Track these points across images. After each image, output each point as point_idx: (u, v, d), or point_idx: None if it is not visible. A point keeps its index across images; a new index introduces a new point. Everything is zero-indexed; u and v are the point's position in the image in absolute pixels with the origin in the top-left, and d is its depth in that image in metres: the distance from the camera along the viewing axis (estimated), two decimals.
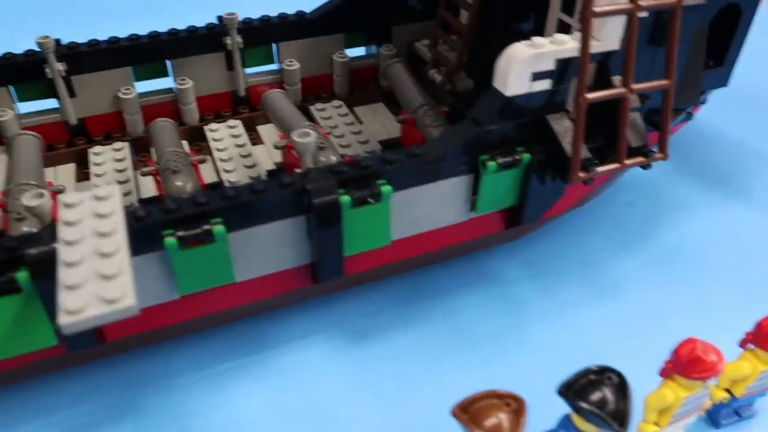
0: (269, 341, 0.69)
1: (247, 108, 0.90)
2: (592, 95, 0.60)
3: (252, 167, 0.78)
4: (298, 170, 0.63)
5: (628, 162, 0.65)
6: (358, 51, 0.97)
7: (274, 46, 0.89)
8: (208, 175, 0.79)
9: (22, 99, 0.81)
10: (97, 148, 0.81)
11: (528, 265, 0.79)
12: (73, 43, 0.79)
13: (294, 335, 0.70)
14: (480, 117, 0.63)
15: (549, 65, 0.62)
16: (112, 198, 0.54)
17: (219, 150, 0.81)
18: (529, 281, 0.77)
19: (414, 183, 0.63)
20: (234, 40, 0.83)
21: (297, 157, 0.71)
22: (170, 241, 0.54)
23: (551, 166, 0.66)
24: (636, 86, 0.62)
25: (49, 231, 0.51)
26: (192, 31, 0.83)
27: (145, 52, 0.82)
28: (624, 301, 0.75)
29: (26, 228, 0.61)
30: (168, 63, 0.84)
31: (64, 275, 0.46)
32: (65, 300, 0.44)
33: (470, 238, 0.73)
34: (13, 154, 0.71)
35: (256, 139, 0.88)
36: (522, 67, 0.60)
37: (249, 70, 0.89)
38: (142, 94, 0.85)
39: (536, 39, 0.61)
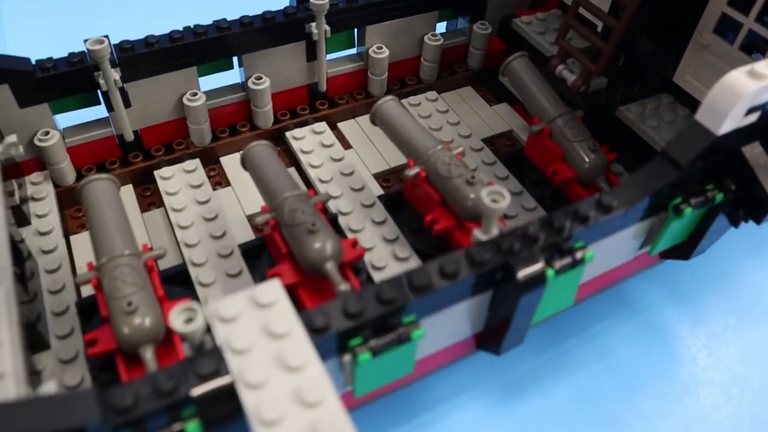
0: (422, 403, 0.61)
1: (326, 103, 0.76)
2: None
3: (361, 190, 0.66)
4: (478, 235, 0.52)
5: None
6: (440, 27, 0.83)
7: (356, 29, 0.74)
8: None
9: (59, 111, 0.65)
10: (165, 171, 0.67)
11: (665, 287, 0.72)
12: (126, 42, 0.63)
13: (445, 395, 0.61)
14: (681, 158, 0.53)
15: (766, 96, 0.52)
16: (279, 303, 0.42)
17: (312, 166, 0.68)
18: (671, 305, 0.70)
19: (604, 235, 0.54)
20: (321, 28, 0.68)
21: (430, 191, 0.60)
22: (364, 357, 0.43)
23: (743, 206, 0.58)
24: None
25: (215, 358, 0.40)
26: (268, 18, 0.67)
27: (213, 48, 0.66)
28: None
29: (138, 320, 0.48)
30: (234, 58, 0.69)
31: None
32: None
33: (632, 271, 0.65)
34: (89, 210, 0.56)
35: (340, 138, 0.75)
36: (744, 103, 0.50)
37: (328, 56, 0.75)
38: (207, 93, 0.70)
39: (756, 66, 0.51)
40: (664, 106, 0.71)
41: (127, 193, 0.68)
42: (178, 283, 0.59)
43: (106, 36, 0.62)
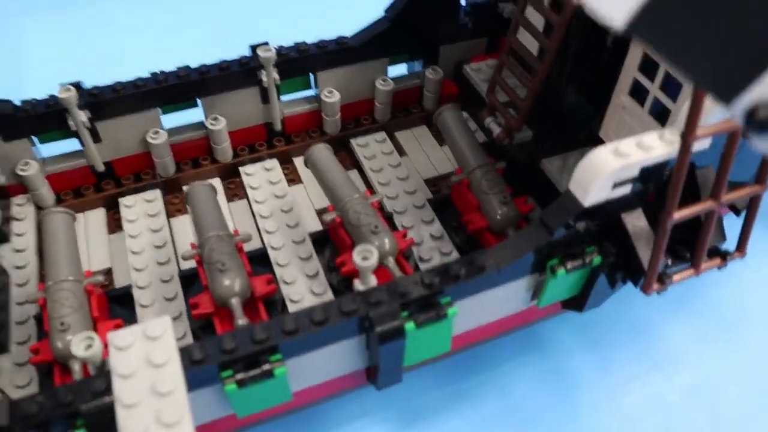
0: (323, 425, 0.68)
1: (283, 140, 0.84)
2: (679, 214, 0.55)
3: (295, 227, 0.73)
4: (357, 284, 0.59)
5: (704, 266, 0.61)
6: (400, 68, 0.89)
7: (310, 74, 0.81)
8: (243, 220, 0.75)
9: (43, 141, 0.75)
10: (129, 199, 0.77)
11: (580, 332, 0.76)
12: (96, 88, 0.72)
13: (346, 417, 0.68)
14: (552, 224, 0.58)
15: (633, 173, 0.56)
16: (165, 336, 0.51)
17: (257, 202, 0.76)
18: (582, 352, 0.75)
19: (477, 290, 0.59)
20: (270, 77, 0.76)
21: (348, 238, 0.67)
22: (230, 387, 0.51)
23: (623, 270, 0.62)
24: (726, 197, 0.56)
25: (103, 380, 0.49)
26: (224, 68, 0.75)
27: (174, 93, 0.75)
28: (678, 375, 0.73)
29: (69, 337, 0.58)
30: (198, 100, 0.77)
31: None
32: None
33: (528, 321, 0.70)
34: (45, 239, 0.66)
35: (293, 174, 0.82)
36: (605, 179, 0.55)
37: (284, 97, 0.82)
38: (171, 130, 0.79)
39: (621, 146, 0.55)
40: None
41: (99, 215, 0.78)
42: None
43: (77, 83, 0.71)
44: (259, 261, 0.71)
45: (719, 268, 0.63)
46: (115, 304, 0.68)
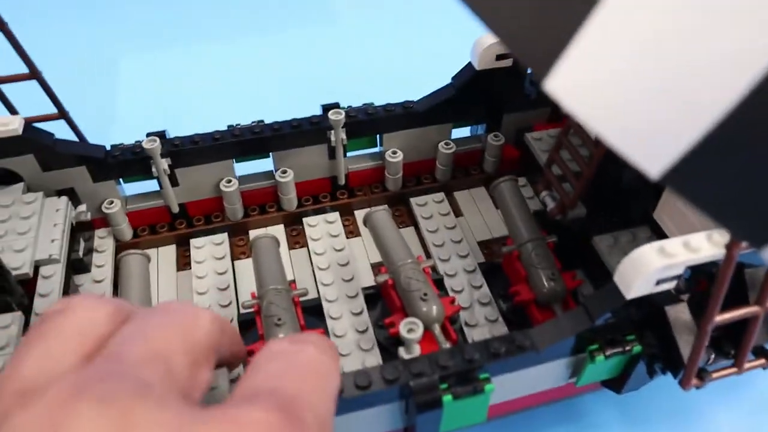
0: None
1: (346, 192, 0.88)
2: (721, 318, 0.56)
3: (350, 281, 0.77)
4: (401, 352, 0.62)
5: (748, 366, 0.61)
6: (463, 132, 0.92)
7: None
8: (302, 269, 0.80)
9: (127, 182, 0.82)
10: (198, 241, 0.82)
11: (619, 408, 0.77)
12: (177, 139, 0.78)
13: None
14: (594, 312, 0.60)
15: (678, 271, 0.57)
16: None
17: (316, 253, 0.81)
18: (619, 427, 0.75)
19: (516, 368, 0.61)
20: (339, 137, 0.80)
21: (398, 300, 0.70)
22: None
23: (662, 361, 0.63)
24: None
25: None
26: (296, 126, 0.80)
27: (248, 147, 0.80)
28: None
29: None
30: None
31: None
32: None
33: (566, 395, 0.71)
34: (122, 275, 0.73)
35: (352, 226, 0.87)
36: (648, 277, 0.56)
37: (350, 153, 0.87)
38: (242, 178, 0.84)
39: (667, 245, 0.56)
40: (638, 241, 0.75)
41: (170, 251, 0.84)
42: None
43: (162, 133, 0.78)
44: (314, 311, 0.75)
45: (764, 368, 0.63)
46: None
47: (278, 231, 0.85)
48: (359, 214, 0.88)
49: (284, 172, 0.82)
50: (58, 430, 0.24)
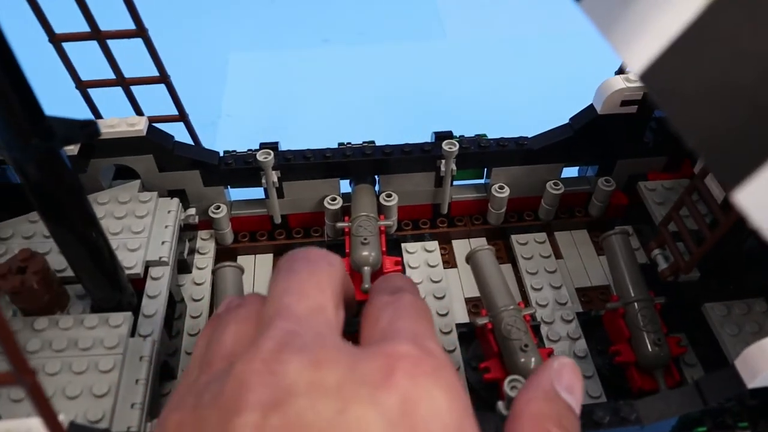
0: None
1: (446, 221, 0.87)
2: None
3: (444, 316, 0.76)
4: (500, 407, 0.61)
5: None
6: (571, 171, 0.90)
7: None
8: None
9: (234, 187, 0.84)
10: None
11: None
12: (289, 153, 0.79)
13: None
14: (709, 396, 0.57)
15: None
16: None
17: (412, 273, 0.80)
18: None
19: None
20: (449, 168, 0.79)
21: (496, 345, 0.69)
22: None
23: None
24: None
25: None
26: (407, 151, 0.79)
27: (357, 168, 0.80)
28: None
29: None
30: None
31: None
32: None
33: None
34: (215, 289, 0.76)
35: (449, 256, 0.86)
36: None
37: (456, 182, 0.86)
38: (345, 195, 0.84)
39: None
40: (753, 314, 0.72)
41: (268, 260, 0.85)
42: None
43: (275, 145, 0.79)
44: None
45: None
46: None
47: None
48: (456, 244, 0.87)
49: (389, 195, 0.82)
50: (274, 373, 0.31)
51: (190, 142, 0.83)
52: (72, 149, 0.72)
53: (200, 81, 1.30)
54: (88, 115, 0.79)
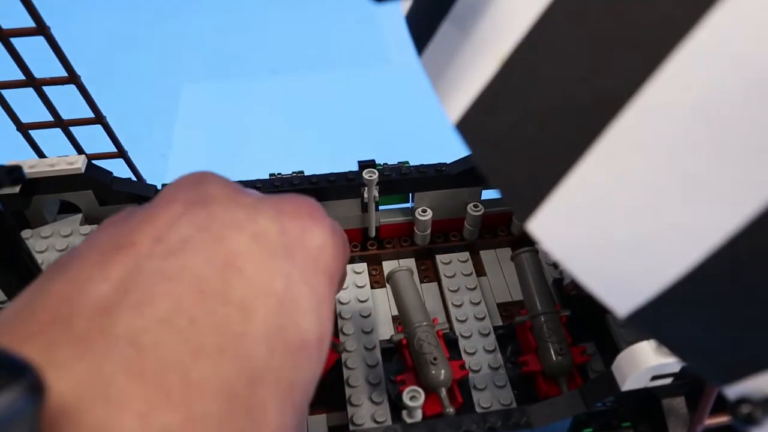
0: None
1: (376, 244, 0.93)
2: (712, 421, 0.57)
3: (368, 333, 0.81)
4: (404, 416, 0.66)
5: None
6: (495, 193, 0.95)
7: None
8: None
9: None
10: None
11: None
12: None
13: None
14: (589, 399, 0.62)
15: (674, 369, 0.59)
16: None
17: (341, 302, 0.85)
18: None
19: None
20: (371, 195, 0.85)
21: (410, 360, 0.74)
22: None
23: None
24: None
25: None
26: (332, 180, 0.85)
27: None
28: None
29: None
30: None
31: None
32: None
33: None
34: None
35: (379, 277, 0.91)
36: (643, 373, 0.59)
37: (382, 206, 0.91)
38: None
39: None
40: None
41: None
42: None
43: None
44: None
45: None
46: None
47: None
48: (387, 265, 0.92)
49: None
50: (198, 185, 0.39)
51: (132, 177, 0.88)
52: (13, 189, 0.77)
53: (151, 114, 1.36)
54: (32, 154, 0.85)
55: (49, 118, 0.81)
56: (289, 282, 0.37)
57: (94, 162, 0.83)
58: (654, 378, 0.59)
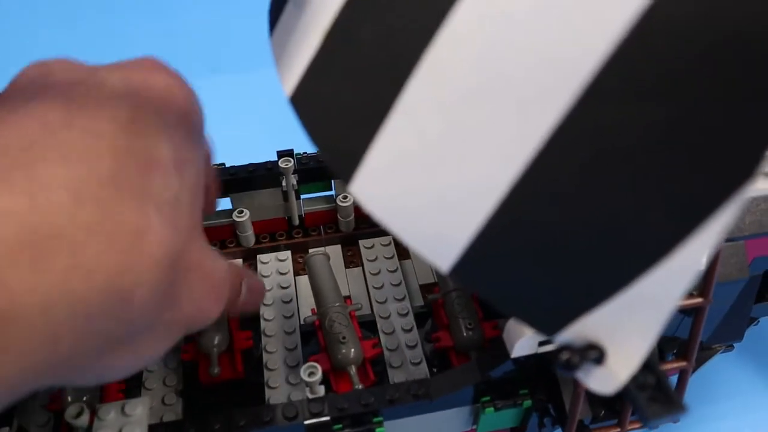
0: None
1: (302, 232, 0.94)
2: None
3: (289, 318, 0.83)
4: (307, 392, 0.68)
5: (630, 426, 0.65)
6: None
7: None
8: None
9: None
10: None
11: None
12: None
13: None
14: (485, 366, 0.64)
15: None
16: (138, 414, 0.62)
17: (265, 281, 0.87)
18: None
19: (413, 413, 0.66)
20: (289, 183, 0.87)
21: (323, 340, 0.76)
22: None
23: (552, 415, 0.67)
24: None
25: None
26: (251, 170, 0.87)
27: None
28: None
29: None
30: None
31: None
32: None
33: None
34: None
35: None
36: (529, 339, 0.60)
37: (307, 195, 0.93)
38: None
39: None
40: None
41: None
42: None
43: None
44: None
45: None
46: None
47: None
48: (313, 253, 0.94)
49: (241, 212, 0.89)
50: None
51: None
52: None
53: None
54: None
55: None
56: (137, 111, 0.41)
57: None
58: (542, 344, 0.61)
